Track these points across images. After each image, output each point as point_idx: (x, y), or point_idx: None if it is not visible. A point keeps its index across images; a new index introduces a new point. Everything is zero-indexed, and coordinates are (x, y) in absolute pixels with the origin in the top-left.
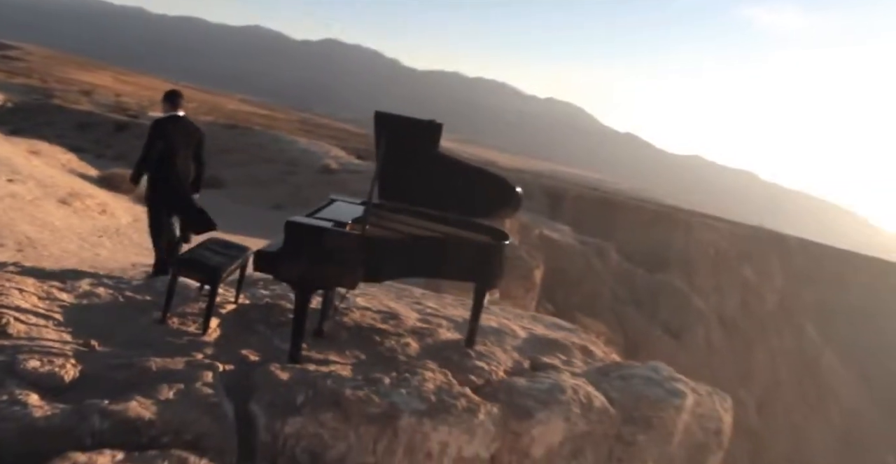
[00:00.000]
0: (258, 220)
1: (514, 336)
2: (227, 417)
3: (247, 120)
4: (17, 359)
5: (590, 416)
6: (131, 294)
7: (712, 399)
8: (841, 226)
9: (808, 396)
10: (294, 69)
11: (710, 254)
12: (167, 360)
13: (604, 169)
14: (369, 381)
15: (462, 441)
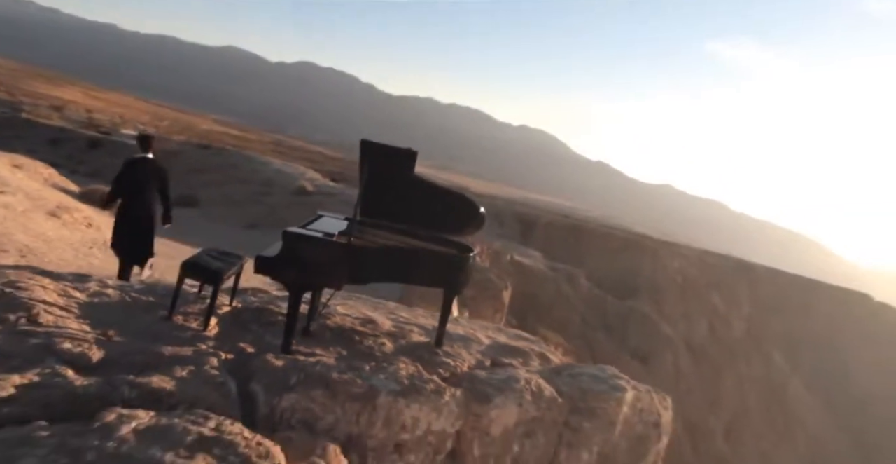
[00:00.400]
0: (233, 238)
1: (478, 342)
2: (232, 393)
3: (220, 140)
4: (53, 341)
5: (540, 403)
6: (136, 295)
7: (651, 396)
8: (806, 255)
9: (776, 422)
10: (269, 91)
11: (678, 281)
12: (176, 348)
13: (575, 196)
14: (352, 368)
15: (431, 418)
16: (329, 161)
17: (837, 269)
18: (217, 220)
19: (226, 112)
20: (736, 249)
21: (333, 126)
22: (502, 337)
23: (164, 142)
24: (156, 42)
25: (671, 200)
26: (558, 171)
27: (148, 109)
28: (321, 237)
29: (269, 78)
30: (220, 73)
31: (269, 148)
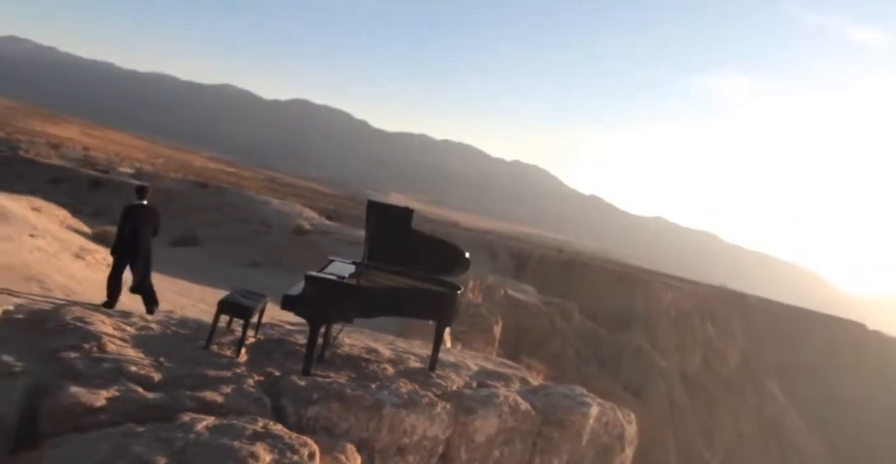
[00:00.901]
0: (236, 275)
1: (467, 368)
2: (267, 406)
3: (215, 177)
4: (121, 365)
5: (517, 416)
6: (175, 329)
7: (615, 412)
8: (801, 285)
9: (772, 453)
10: (263, 128)
11: (671, 314)
12: (218, 371)
13: (569, 230)
14: (361, 386)
15: (426, 425)
16: (323, 198)
17: (832, 298)
18: (219, 258)
19: (221, 149)
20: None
21: (327, 162)
22: (489, 364)
23: (161, 180)
24: (152, 80)
25: (664, 233)
26: (552, 205)
27: (143, 147)
28: (336, 280)
29: (264, 115)
30: (216, 111)
31: (263, 185)
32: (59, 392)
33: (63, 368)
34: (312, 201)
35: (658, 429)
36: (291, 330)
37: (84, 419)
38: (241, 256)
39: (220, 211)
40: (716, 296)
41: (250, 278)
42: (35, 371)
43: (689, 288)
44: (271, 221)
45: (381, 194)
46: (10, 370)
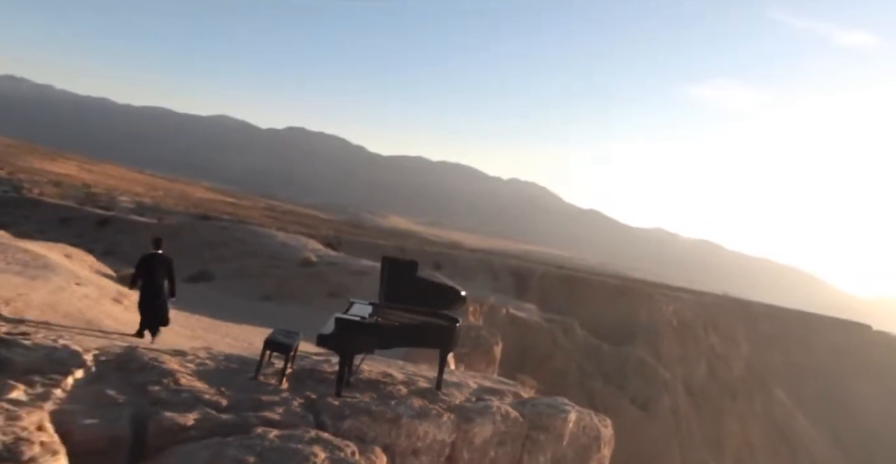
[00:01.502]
0: (251, 309)
1: (468, 386)
2: (311, 421)
3: (214, 209)
4: (196, 395)
5: (508, 422)
6: (226, 363)
7: (591, 417)
8: (804, 289)
9: (783, 458)
10: (260, 157)
11: (674, 325)
12: (268, 396)
13: (570, 246)
14: (383, 403)
15: (435, 432)
16: (323, 224)
17: (835, 300)
18: (233, 293)
19: (219, 179)
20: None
21: (326, 188)
22: (486, 382)
23: (165, 214)
24: (149, 114)
25: (665, 244)
26: (551, 221)
27: (141, 180)
28: (359, 320)
29: (261, 144)
30: (213, 142)
31: (264, 213)
32: (159, 416)
33: (152, 398)
34: (314, 229)
35: (664, 440)
36: (318, 360)
37: (181, 435)
38: (253, 289)
39: (228, 246)
40: (718, 305)
41: (264, 312)
42: (133, 402)
43: (692, 298)
44: (279, 255)
45: (380, 218)
46: (115, 401)
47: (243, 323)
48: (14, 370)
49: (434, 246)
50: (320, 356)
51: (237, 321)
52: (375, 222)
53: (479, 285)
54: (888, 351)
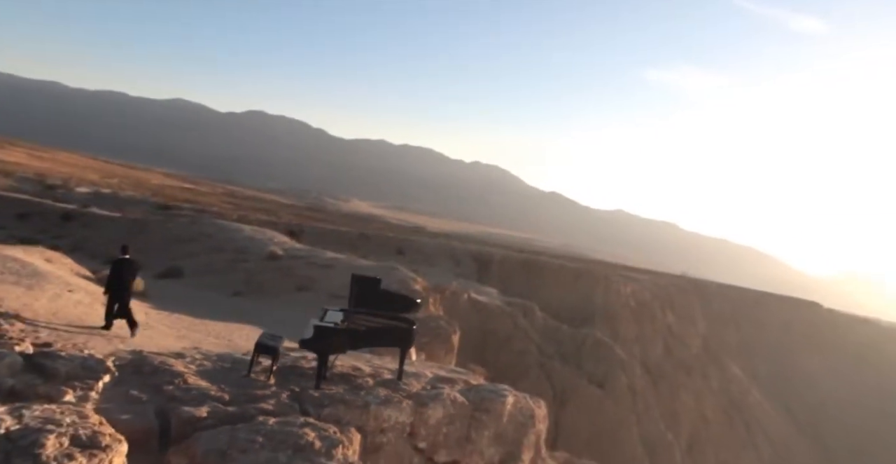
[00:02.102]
0: (224, 306)
1: (425, 376)
2: (297, 410)
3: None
4: (203, 392)
5: (455, 406)
6: (220, 363)
7: (527, 400)
8: (760, 268)
9: (738, 431)
10: (219, 141)
11: (631, 305)
12: (261, 391)
13: (532, 228)
14: (354, 393)
15: (397, 415)
16: (285, 210)
17: (791, 279)
18: (205, 289)
19: (176, 165)
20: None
21: (287, 173)
22: (442, 372)
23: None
24: (101, 98)
25: (625, 225)
26: (513, 204)
27: (96, 167)
28: (333, 327)
29: (219, 128)
30: (169, 126)
31: (223, 200)
32: (178, 410)
33: (168, 396)
34: (275, 215)
35: (622, 416)
36: (296, 357)
37: (198, 425)
38: (224, 285)
39: (196, 241)
40: (675, 285)
41: (237, 307)
42: (153, 399)
43: (649, 279)
44: (246, 249)
45: (343, 202)
46: (140, 400)
47: (220, 320)
48: (60, 378)
49: (397, 231)
50: (298, 353)
51: (214, 318)
52: (338, 207)
53: (442, 271)
54: (837, 328)
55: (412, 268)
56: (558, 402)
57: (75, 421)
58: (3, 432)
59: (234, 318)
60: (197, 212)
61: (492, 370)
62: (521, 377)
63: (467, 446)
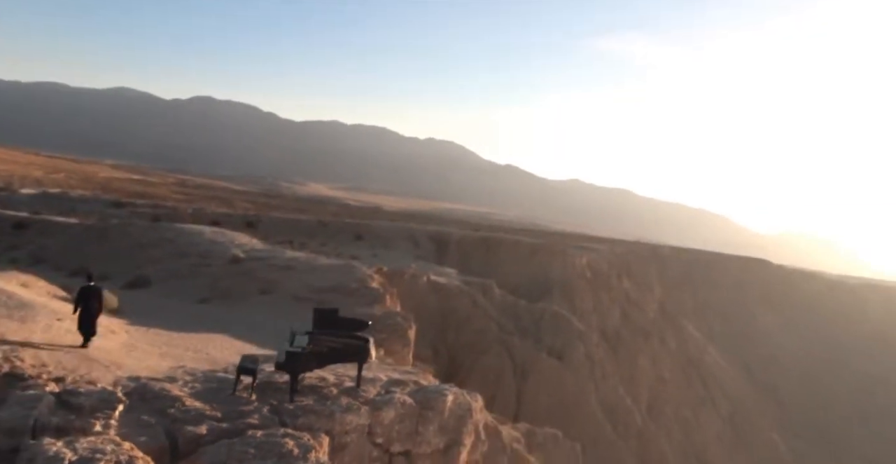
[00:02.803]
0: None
1: (380, 381)
2: (277, 422)
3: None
4: (200, 412)
5: (405, 406)
6: (208, 384)
7: (465, 395)
8: (714, 230)
9: (696, 390)
10: (166, 130)
11: (587, 276)
12: (246, 407)
13: (489, 202)
14: (322, 403)
15: (357, 419)
16: (239, 198)
17: (742, 238)
18: (172, 296)
19: (123, 156)
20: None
21: (238, 159)
22: (396, 375)
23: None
24: (39, 90)
25: (581, 194)
26: (470, 179)
27: (39, 162)
28: (301, 351)
29: (166, 116)
30: (113, 116)
31: (174, 190)
32: (183, 430)
33: (172, 418)
34: (230, 204)
35: (580, 386)
36: (270, 373)
37: (200, 441)
38: (190, 291)
39: (158, 247)
40: (632, 252)
41: (207, 315)
42: (160, 422)
43: (606, 248)
44: (209, 253)
45: (298, 186)
46: (150, 423)
47: (193, 331)
48: (86, 411)
49: (355, 215)
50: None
51: (187, 329)
52: (293, 191)
53: (401, 254)
54: (787, 284)
55: (372, 253)
56: (519, 376)
57: (115, 448)
58: (72, 460)
59: (205, 327)
60: (152, 208)
61: (453, 349)
62: (482, 354)
63: (416, 438)
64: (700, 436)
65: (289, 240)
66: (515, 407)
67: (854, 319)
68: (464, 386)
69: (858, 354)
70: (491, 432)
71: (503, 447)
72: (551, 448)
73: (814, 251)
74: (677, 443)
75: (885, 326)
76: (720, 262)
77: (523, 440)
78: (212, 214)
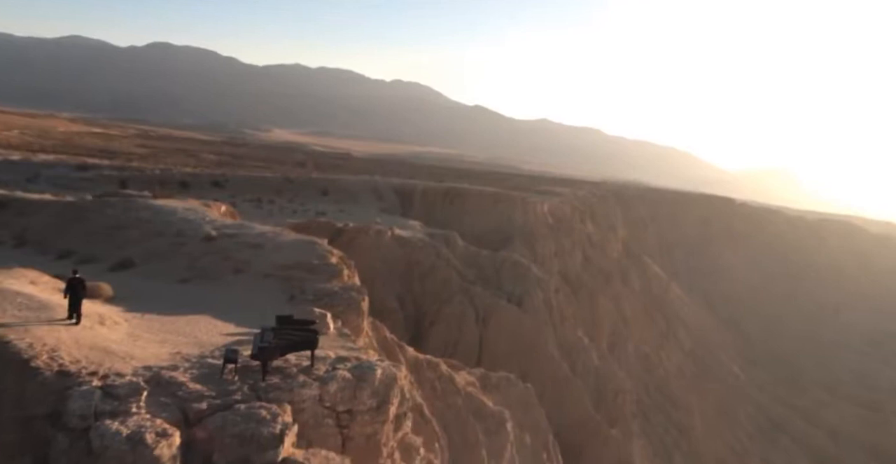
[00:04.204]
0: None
1: (329, 358)
2: (254, 397)
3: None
4: (201, 392)
5: (345, 380)
6: (202, 370)
7: (391, 367)
8: (681, 167)
9: (658, 326)
10: (124, 78)
11: (549, 222)
12: (232, 387)
13: (458, 144)
14: (285, 381)
15: (310, 391)
16: (204, 149)
17: (710, 175)
18: (152, 277)
19: (81, 107)
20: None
21: (200, 107)
22: (342, 352)
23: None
24: None
25: (550, 133)
26: (438, 120)
27: None
28: (269, 345)
29: (122, 65)
30: (66, 67)
31: (136, 144)
32: (191, 407)
33: (181, 398)
34: (196, 157)
35: (539, 330)
36: (247, 358)
37: (203, 414)
38: (170, 271)
39: (136, 227)
40: (596, 195)
41: (189, 296)
42: (174, 403)
43: (571, 191)
44: (183, 232)
45: (263, 132)
46: (167, 403)
47: (180, 313)
48: (123, 398)
49: (321, 167)
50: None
51: (175, 312)
52: (258, 138)
53: (366, 208)
54: (750, 221)
55: (338, 208)
56: (481, 322)
57: (151, 423)
58: (127, 434)
59: (189, 308)
60: (118, 170)
61: (419, 299)
62: (445, 303)
63: (355, 401)
64: (661, 370)
65: (257, 198)
66: (478, 352)
67: (812, 253)
68: (429, 334)
69: (815, 285)
70: (445, 379)
71: (457, 390)
72: (505, 389)
73: (779, 187)
74: (637, 377)
75: (841, 259)
76: (685, 201)
77: (478, 383)
78: (179, 176)
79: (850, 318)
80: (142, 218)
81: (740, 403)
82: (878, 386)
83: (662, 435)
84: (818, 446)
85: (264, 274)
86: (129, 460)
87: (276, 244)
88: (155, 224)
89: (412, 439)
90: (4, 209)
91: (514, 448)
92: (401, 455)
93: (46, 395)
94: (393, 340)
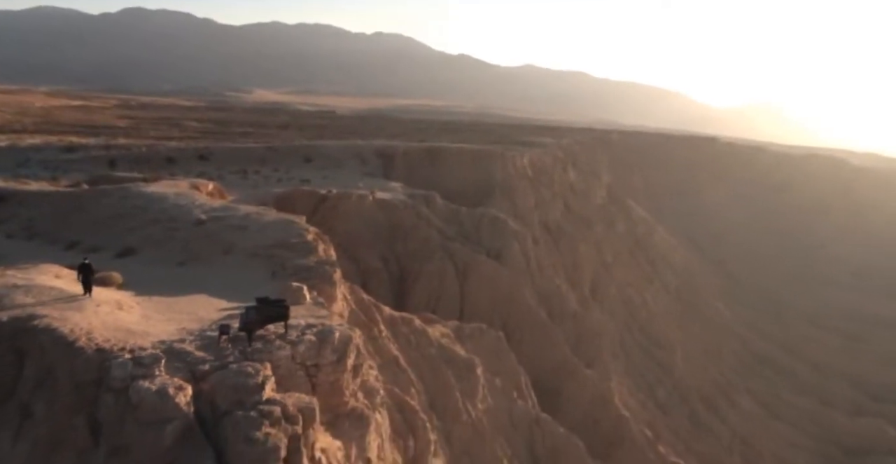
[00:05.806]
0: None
1: (300, 326)
2: (243, 359)
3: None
4: (205, 358)
5: (311, 342)
6: (203, 341)
7: (346, 330)
8: (669, 106)
9: (643, 269)
10: (99, 47)
11: (528, 175)
12: (227, 353)
13: (444, 94)
14: (266, 346)
15: (283, 353)
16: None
17: (697, 113)
18: (153, 263)
19: (58, 79)
20: (603, 115)
21: (179, 72)
22: (310, 319)
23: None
24: None
25: (535, 79)
26: (423, 71)
27: None
28: (251, 320)
29: (96, 33)
30: (38, 39)
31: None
32: (198, 369)
33: (191, 363)
34: (180, 127)
35: (515, 281)
36: (237, 330)
37: (207, 373)
38: (167, 256)
39: (133, 216)
40: (580, 142)
41: (186, 278)
42: (185, 366)
43: (553, 141)
44: (176, 217)
45: (245, 94)
46: (180, 367)
47: (181, 294)
48: (148, 365)
49: (308, 119)
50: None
51: (176, 293)
52: (241, 99)
53: (349, 172)
54: (734, 160)
55: (322, 174)
56: (461, 277)
57: (172, 381)
58: (155, 389)
59: (189, 289)
60: (105, 150)
61: (401, 258)
62: (426, 261)
63: (319, 357)
64: (644, 311)
65: (242, 169)
66: (459, 305)
67: (797, 189)
68: (412, 290)
69: (800, 222)
70: (419, 332)
71: (430, 342)
72: (478, 338)
73: (766, 122)
74: (620, 319)
75: (826, 194)
76: (669, 143)
77: (452, 335)
78: (165, 151)
79: (836, 252)
80: (137, 206)
81: (725, 339)
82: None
83: (644, 373)
84: (801, 378)
85: (249, 254)
86: (159, 407)
87: (260, 225)
88: (150, 212)
89: (373, 383)
90: (6, 202)
91: (485, 390)
92: (364, 395)
93: (91, 367)
94: (370, 301)
